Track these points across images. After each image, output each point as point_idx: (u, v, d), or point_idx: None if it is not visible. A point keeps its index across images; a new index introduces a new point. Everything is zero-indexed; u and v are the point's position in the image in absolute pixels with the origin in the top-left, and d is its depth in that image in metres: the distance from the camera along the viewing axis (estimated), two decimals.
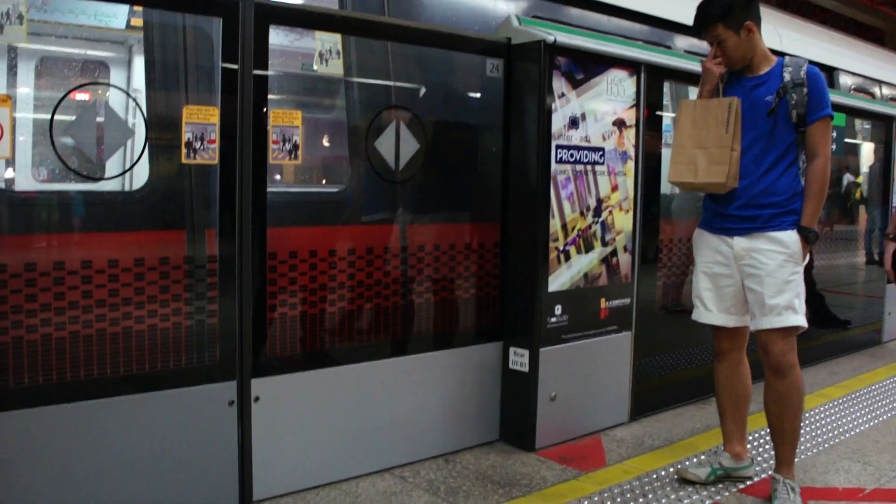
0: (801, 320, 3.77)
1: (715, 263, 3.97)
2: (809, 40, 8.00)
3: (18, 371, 3.18)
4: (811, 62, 3.87)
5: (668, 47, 6.09)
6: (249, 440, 3.72)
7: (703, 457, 4.46)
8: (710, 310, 4.02)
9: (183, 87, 3.63)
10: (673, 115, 5.72)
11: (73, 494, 3.32)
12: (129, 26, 4.19)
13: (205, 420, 3.61)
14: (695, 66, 5.23)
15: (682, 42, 6.32)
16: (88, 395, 3.33)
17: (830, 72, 7.98)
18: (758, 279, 3.79)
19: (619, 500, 3.90)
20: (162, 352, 3.50)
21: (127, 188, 3.77)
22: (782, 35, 6.92)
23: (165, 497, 3.53)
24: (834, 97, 4.00)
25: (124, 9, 3.93)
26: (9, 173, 3.69)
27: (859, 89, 8.48)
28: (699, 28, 3.93)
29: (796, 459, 4.00)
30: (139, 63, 4.81)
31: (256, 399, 3.72)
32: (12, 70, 3.97)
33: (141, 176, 3.56)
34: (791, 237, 3.77)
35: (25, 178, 4.27)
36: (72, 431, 3.30)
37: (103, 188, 3.68)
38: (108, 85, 4.21)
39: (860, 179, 8.07)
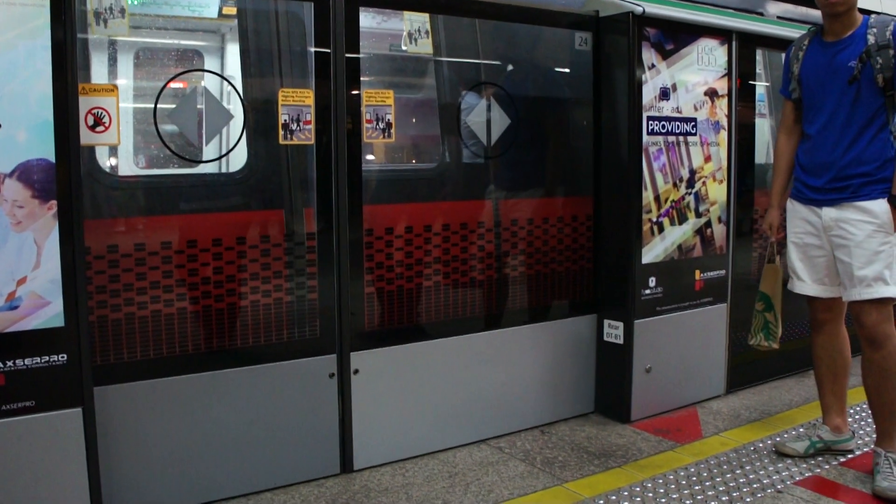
0: (891, 291, 3.67)
1: (806, 234, 3.91)
2: None
3: (131, 346, 3.35)
4: None
5: (761, 14, 5.97)
6: (350, 412, 3.84)
7: (801, 430, 4.40)
8: (803, 280, 3.97)
9: (277, 72, 3.73)
10: (767, 84, 5.63)
11: (180, 462, 3.48)
12: (221, 15, 4.30)
13: (306, 392, 3.73)
14: (788, 32, 5.14)
15: (775, 8, 6.20)
16: (194, 368, 3.48)
17: None
18: (846, 250, 3.72)
19: (715, 471, 3.90)
20: (265, 327, 3.63)
21: (227, 170, 3.90)
22: None
23: (269, 466, 3.67)
24: None
25: None
26: (113, 160, 3.85)
27: None
28: None
29: None
30: (231, 50, 4.95)
31: (356, 372, 3.83)
32: (113, 61, 4.14)
33: (240, 158, 3.68)
34: (881, 206, 3.67)
35: (127, 165, 4.43)
36: (180, 403, 3.46)
37: (205, 171, 3.82)
38: (207, 71, 4.34)
39: None
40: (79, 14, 3.12)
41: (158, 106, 3.43)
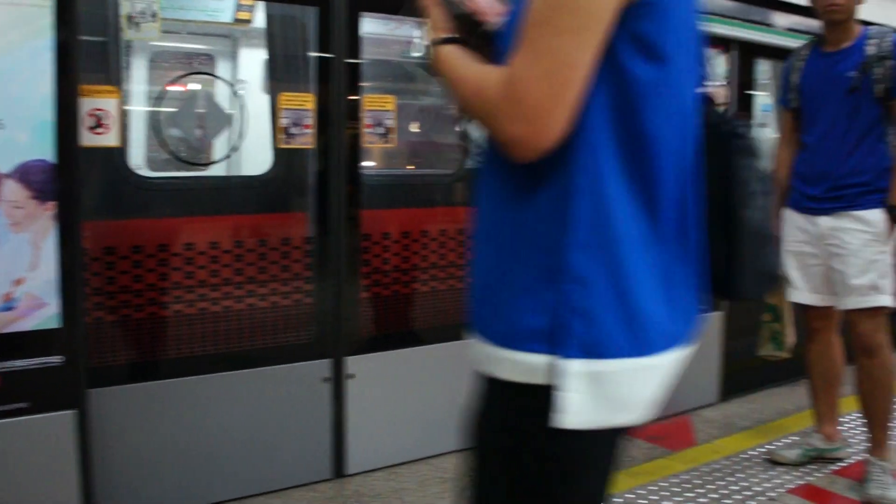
0: (885, 300, 3.71)
1: (801, 243, 3.93)
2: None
3: (125, 348, 3.37)
4: None
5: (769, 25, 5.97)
6: (344, 416, 3.84)
7: (794, 438, 4.42)
8: (798, 288, 3.99)
9: (280, 76, 3.74)
10: (765, 93, 5.63)
11: (174, 466, 3.49)
12: (236, 20, 4.32)
13: (301, 397, 3.74)
14: (789, 42, 5.14)
15: (783, 20, 6.21)
16: (193, 371, 3.49)
17: None
18: (842, 259, 3.75)
19: (708, 478, 3.92)
20: (260, 330, 3.64)
21: (229, 174, 3.90)
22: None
23: (262, 470, 3.68)
24: None
25: (231, 3, 4.05)
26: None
27: None
28: None
29: (891, 443, 3.95)
30: (244, 54, 4.98)
31: (351, 376, 3.83)
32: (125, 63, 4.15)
33: (245, 162, 3.69)
34: (876, 216, 3.70)
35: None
36: (178, 405, 3.47)
37: (207, 174, 3.82)
38: (209, 74, 4.35)
39: None
40: (112, 18, 3.16)
41: (162, 109, 3.44)
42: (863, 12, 3.82)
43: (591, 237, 1.37)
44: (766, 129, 5.75)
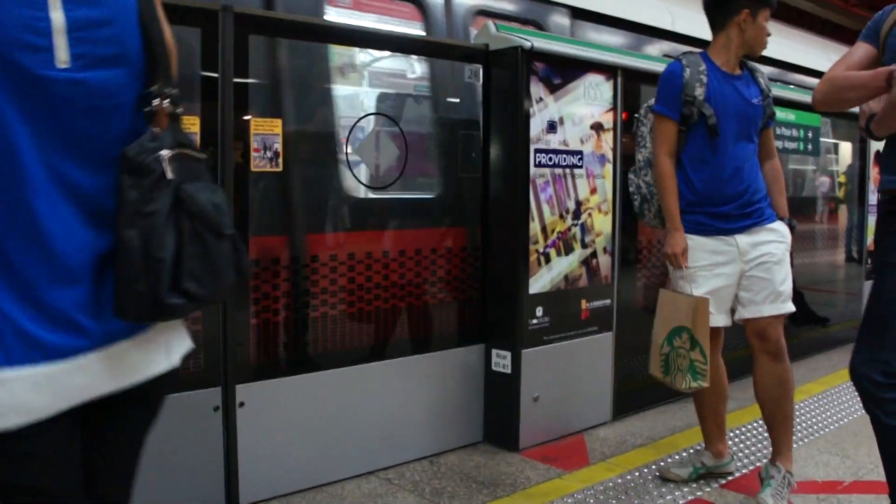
0: (793, 306, 3.92)
1: (715, 265, 3.90)
2: (786, 41, 8.08)
3: None
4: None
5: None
6: (235, 445, 3.74)
7: (685, 455, 4.51)
8: (712, 313, 3.90)
9: None
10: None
11: None
12: None
13: (190, 426, 3.62)
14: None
15: (666, 47, 6.41)
16: None
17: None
18: (767, 268, 3.84)
19: (601, 497, 3.96)
20: None
21: None
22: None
23: (152, 501, 3.55)
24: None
25: None
26: None
27: None
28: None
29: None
30: None
31: (241, 404, 3.74)
32: None
33: None
34: (783, 227, 3.94)
35: None
36: None
37: None
38: None
39: (843, 179, 8.15)
40: None
41: None
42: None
43: None
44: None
